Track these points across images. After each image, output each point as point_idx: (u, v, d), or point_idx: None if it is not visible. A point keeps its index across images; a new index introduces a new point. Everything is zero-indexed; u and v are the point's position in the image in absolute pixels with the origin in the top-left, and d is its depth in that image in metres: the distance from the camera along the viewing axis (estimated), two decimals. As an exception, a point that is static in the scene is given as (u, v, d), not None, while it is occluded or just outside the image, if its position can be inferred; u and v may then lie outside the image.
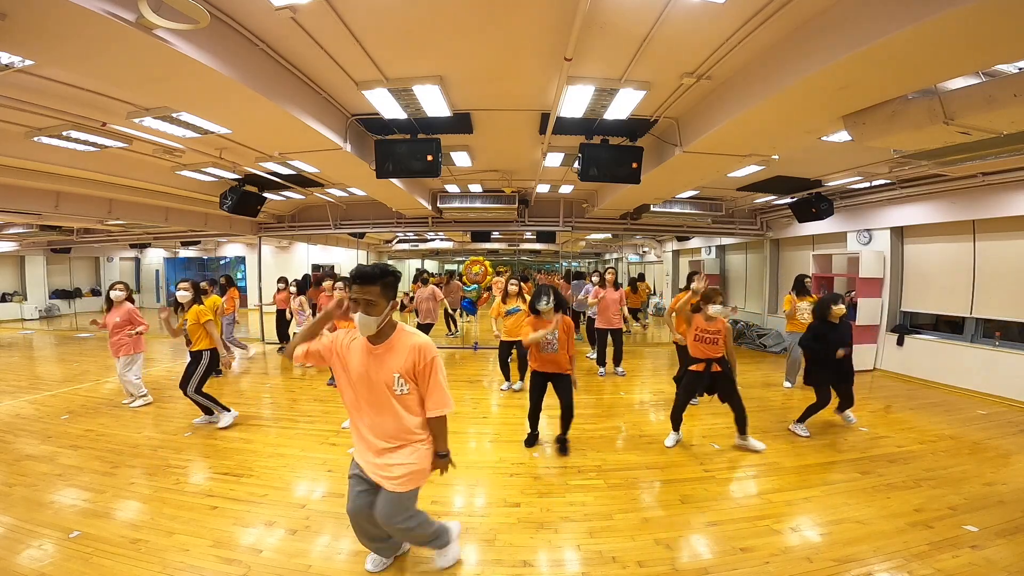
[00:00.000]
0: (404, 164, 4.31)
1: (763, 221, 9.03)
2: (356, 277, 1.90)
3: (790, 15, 2.62)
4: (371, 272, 1.89)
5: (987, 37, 2.19)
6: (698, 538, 2.61)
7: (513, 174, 6.56)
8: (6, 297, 12.96)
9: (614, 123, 4.24)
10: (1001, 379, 5.28)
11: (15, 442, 3.88)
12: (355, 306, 1.89)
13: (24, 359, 7.76)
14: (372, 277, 1.88)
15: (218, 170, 5.83)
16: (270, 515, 2.80)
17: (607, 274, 6.23)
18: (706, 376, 3.80)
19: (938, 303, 6.24)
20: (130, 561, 2.34)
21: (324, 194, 7.76)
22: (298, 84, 3.55)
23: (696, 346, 3.80)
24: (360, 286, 1.87)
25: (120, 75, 2.81)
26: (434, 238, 13.25)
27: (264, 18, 2.75)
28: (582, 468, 3.47)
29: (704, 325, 3.77)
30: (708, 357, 3.76)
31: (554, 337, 3.58)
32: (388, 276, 1.92)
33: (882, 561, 2.38)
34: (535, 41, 3.02)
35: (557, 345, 3.61)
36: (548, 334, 3.55)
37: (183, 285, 4.29)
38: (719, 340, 3.74)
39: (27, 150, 4.61)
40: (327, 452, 3.75)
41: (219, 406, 4.31)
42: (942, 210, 5.90)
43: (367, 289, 1.87)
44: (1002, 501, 2.97)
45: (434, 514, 2.79)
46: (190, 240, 12.08)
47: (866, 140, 3.33)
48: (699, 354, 3.79)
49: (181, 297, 4.26)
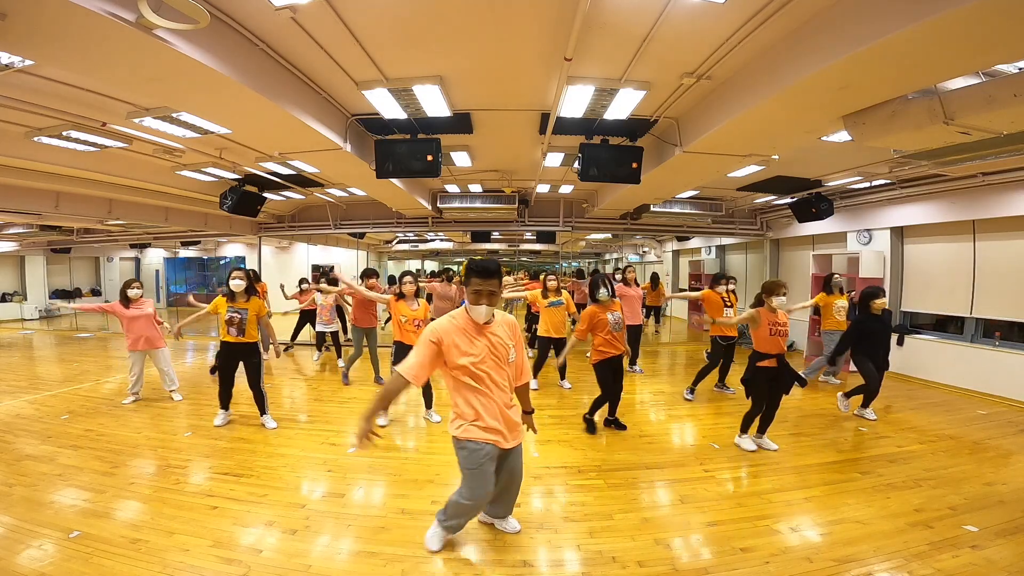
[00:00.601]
0: (404, 164, 4.31)
1: (763, 221, 9.03)
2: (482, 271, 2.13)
3: (790, 15, 2.62)
4: (494, 267, 2.16)
5: (987, 37, 2.19)
6: (698, 538, 2.60)
7: (513, 174, 6.56)
8: (6, 297, 12.97)
9: (614, 123, 4.24)
10: (1001, 379, 5.28)
11: (15, 442, 3.88)
12: (478, 297, 2.12)
13: (24, 359, 7.76)
14: (495, 272, 2.16)
15: (218, 170, 5.83)
16: (270, 515, 2.79)
17: (628, 273, 6.38)
18: (781, 370, 3.66)
19: (938, 303, 6.24)
20: (130, 561, 2.34)
21: (324, 194, 7.75)
22: (298, 84, 3.55)
23: (770, 341, 3.62)
24: (484, 279, 2.12)
25: (120, 75, 2.81)
26: (434, 238, 13.24)
27: (264, 18, 2.75)
28: (582, 468, 3.47)
29: (773, 318, 3.64)
30: (780, 352, 3.64)
31: (619, 316, 4.01)
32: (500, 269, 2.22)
33: (882, 561, 2.38)
34: (535, 41, 3.02)
35: (623, 323, 4.06)
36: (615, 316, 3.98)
37: (238, 274, 4.10)
38: (787, 333, 3.68)
39: (27, 150, 4.61)
40: (327, 452, 3.74)
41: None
42: (942, 210, 5.89)
43: (491, 282, 2.13)
44: (1002, 501, 2.97)
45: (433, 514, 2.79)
46: (190, 240, 12.08)
47: (866, 140, 3.33)
48: (772, 349, 3.63)
49: (236, 287, 4.06)
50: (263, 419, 4.29)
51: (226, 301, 4.10)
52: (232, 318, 4.07)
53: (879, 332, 4.38)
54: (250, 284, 4.17)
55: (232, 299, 4.11)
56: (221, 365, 4.22)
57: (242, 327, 4.09)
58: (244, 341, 4.12)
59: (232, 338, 4.09)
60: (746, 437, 3.81)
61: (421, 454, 3.79)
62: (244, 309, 4.09)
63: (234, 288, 4.09)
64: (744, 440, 3.80)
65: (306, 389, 5.87)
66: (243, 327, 4.09)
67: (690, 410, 4.90)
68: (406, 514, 2.83)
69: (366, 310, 5.83)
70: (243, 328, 4.09)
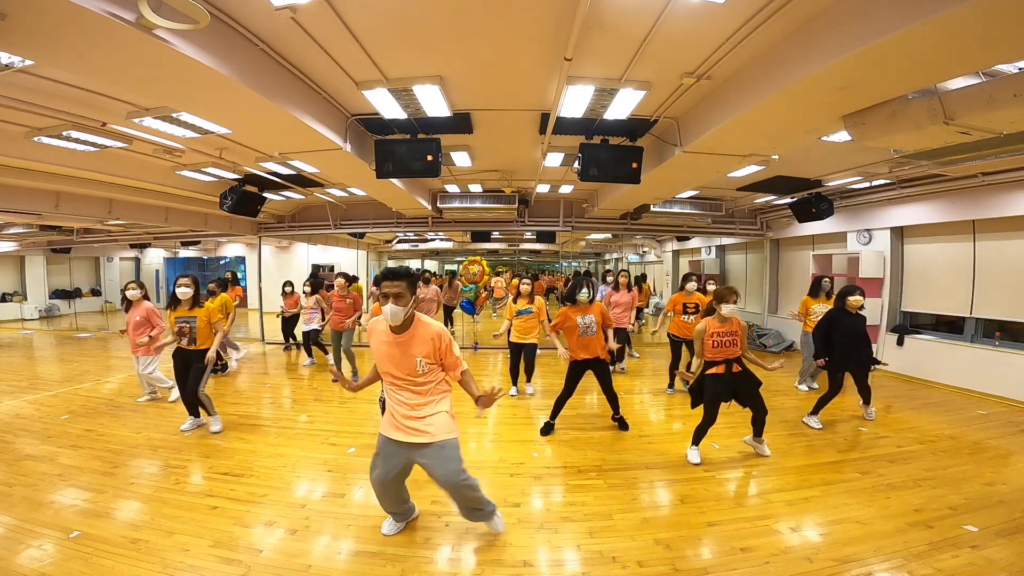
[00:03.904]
0: (404, 164, 4.31)
1: (763, 221, 9.03)
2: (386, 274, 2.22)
3: (790, 15, 2.62)
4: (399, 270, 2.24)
5: (987, 37, 2.19)
6: (698, 538, 2.61)
7: (513, 174, 6.56)
8: (6, 297, 12.96)
9: (614, 123, 4.24)
10: (1001, 379, 5.28)
11: (15, 442, 3.88)
12: (384, 299, 2.19)
13: (24, 359, 7.76)
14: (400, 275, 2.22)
15: (218, 170, 5.83)
16: (270, 515, 2.80)
17: (620, 276, 6.35)
18: (727, 378, 3.52)
19: (938, 303, 6.24)
20: (130, 561, 2.34)
21: (324, 194, 7.75)
22: (298, 84, 3.55)
23: (713, 351, 3.50)
24: (390, 281, 2.19)
25: (120, 75, 2.81)
26: (434, 238, 13.24)
27: (264, 18, 2.75)
28: (582, 468, 3.47)
29: (718, 327, 3.49)
30: (727, 358, 3.51)
31: (592, 320, 3.99)
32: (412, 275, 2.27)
33: (882, 561, 2.38)
34: (535, 41, 3.02)
35: (595, 328, 3.99)
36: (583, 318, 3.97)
37: (184, 281, 3.97)
38: (736, 341, 3.50)
39: (27, 150, 4.60)
40: (327, 452, 3.75)
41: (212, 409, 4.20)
42: (942, 210, 5.89)
43: (395, 284, 2.18)
44: (1002, 501, 2.97)
45: (433, 514, 2.81)
46: (190, 240, 12.07)
47: (866, 140, 3.33)
48: (718, 356, 3.51)
49: (182, 294, 3.93)
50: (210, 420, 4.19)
51: (172, 311, 3.99)
52: (182, 328, 3.94)
53: (852, 327, 4.25)
54: (197, 292, 4.04)
55: (177, 308, 3.98)
56: (176, 372, 4.08)
57: (193, 336, 3.96)
58: (198, 348, 3.99)
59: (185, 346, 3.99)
60: (695, 449, 3.61)
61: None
62: (192, 317, 3.96)
63: (180, 296, 3.94)
64: (693, 452, 3.60)
65: (306, 389, 5.87)
66: (194, 336, 3.96)
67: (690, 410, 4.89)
68: (406, 514, 2.83)
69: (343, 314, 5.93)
70: (194, 337, 3.96)
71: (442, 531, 2.66)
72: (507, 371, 5.75)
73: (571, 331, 4.04)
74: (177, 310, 3.99)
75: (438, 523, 2.73)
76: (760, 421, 3.63)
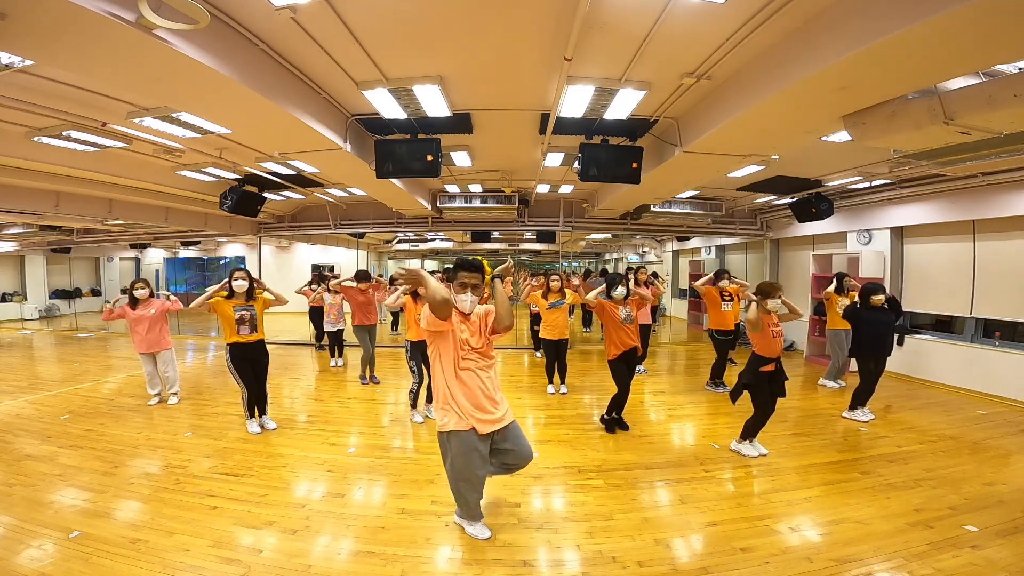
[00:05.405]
0: (404, 164, 4.31)
1: (763, 221, 9.02)
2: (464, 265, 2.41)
3: (790, 15, 2.62)
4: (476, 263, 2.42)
5: (988, 37, 2.19)
6: (698, 538, 2.61)
7: (513, 174, 6.56)
8: (6, 297, 12.96)
9: (614, 123, 4.24)
10: (1001, 379, 5.28)
11: (15, 442, 3.88)
12: (462, 289, 2.39)
13: (24, 359, 7.76)
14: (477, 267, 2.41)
15: (218, 170, 5.83)
16: (270, 515, 2.80)
17: (640, 274, 6.28)
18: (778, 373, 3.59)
19: (938, 303, 6.23)
20: (130, 561, 2.34)
21: (324, 194, 7.75)
22: (298, 84, 3.55)
23: (772, 345, 3.53)
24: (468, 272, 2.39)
25: (120, 75, 2.81)
26: (434, 238, 13.23)
27: (264, 18, 2.75)
28: (582, 468, 3.47)
29: (770, 320, 3.57)
30: (779, 355, 3.58)
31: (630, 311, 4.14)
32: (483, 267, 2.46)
33: (882, 561, 2.38)
34: (535, 41, 3.02)
35: (635, 316, 4.16)
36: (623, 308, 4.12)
37: (240, 274, 4.15)
38: (782, 334, 3.64)
39: (27, 150, 4.60)
40: (327, 452, 3.75)
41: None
42: (942, 210, 5.89)
43: (473, 275, 2.39)
44: (1002, 501, 2.97)
45: (433, 514, 2.81)
46: (190, 240, 12.07)
47: (866, 140, 3.33)
48: (773, 353, 3.55)
49: (238, 287, 4.11)
50: (262, 420, 4.29)
51: (229, 301, 4.10)
52: (243, 316, 4.11)
53: (881, 322, 4.43)
54: (251, 284, 4.22)
55: (233, 298, 4.13)
56: (238, 369, 4.13)
57: (254, 324, 4.16)
58: (258, 338, 4.19)
59: (243, 337, 4.10)
60: (746, 443, 3.70)
61: (421, 454, 3.79)
62: (251, 306, 4.16)
63: (236, 288, 4.13)
64: (744, 446, 3.70)
65: (306, 389, 5.87)
66: (255, 323, 4.17)
67: (690, 410, 4.90)
68: (406, 514, 2.83)
69: (366, 309, 5.85)
70: (255, 325, 4.17)
71: (442, 531, 2.66)
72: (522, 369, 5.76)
73: (612, 321, 4.07)
74: (233, 300, 4.14)
75: (438, 523, 2.73)
76: (762, 423, 3.65)
